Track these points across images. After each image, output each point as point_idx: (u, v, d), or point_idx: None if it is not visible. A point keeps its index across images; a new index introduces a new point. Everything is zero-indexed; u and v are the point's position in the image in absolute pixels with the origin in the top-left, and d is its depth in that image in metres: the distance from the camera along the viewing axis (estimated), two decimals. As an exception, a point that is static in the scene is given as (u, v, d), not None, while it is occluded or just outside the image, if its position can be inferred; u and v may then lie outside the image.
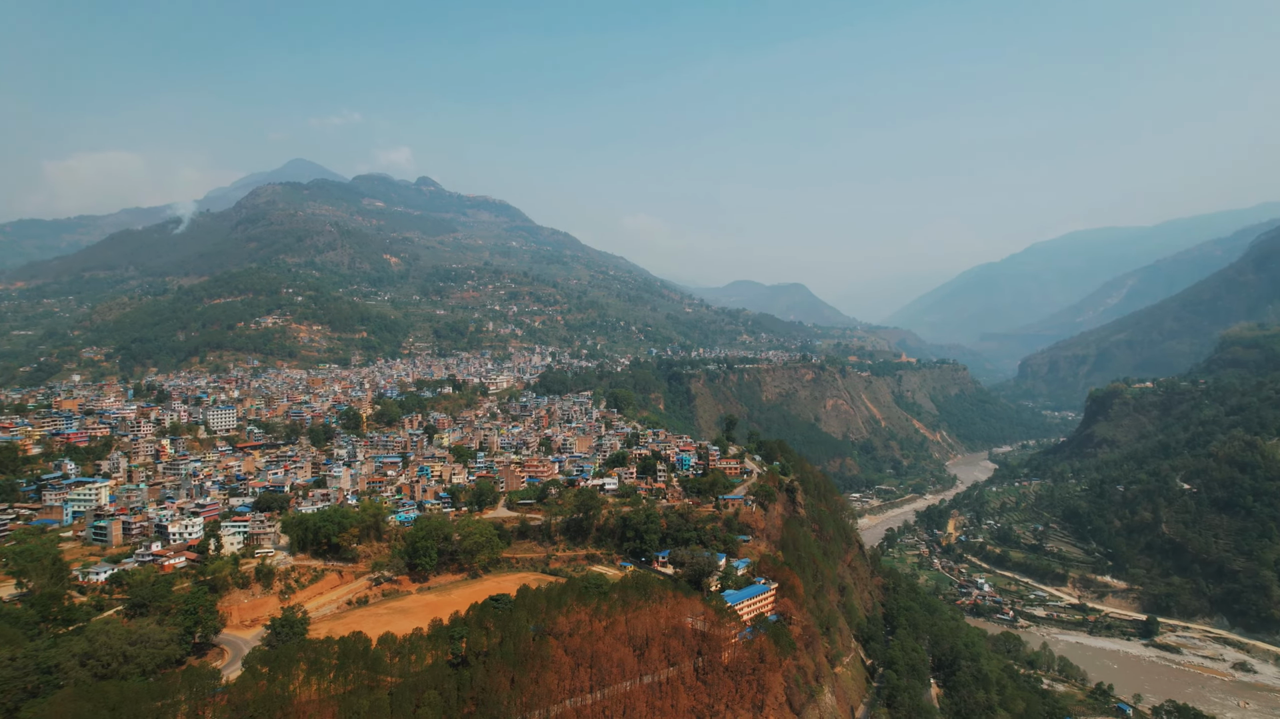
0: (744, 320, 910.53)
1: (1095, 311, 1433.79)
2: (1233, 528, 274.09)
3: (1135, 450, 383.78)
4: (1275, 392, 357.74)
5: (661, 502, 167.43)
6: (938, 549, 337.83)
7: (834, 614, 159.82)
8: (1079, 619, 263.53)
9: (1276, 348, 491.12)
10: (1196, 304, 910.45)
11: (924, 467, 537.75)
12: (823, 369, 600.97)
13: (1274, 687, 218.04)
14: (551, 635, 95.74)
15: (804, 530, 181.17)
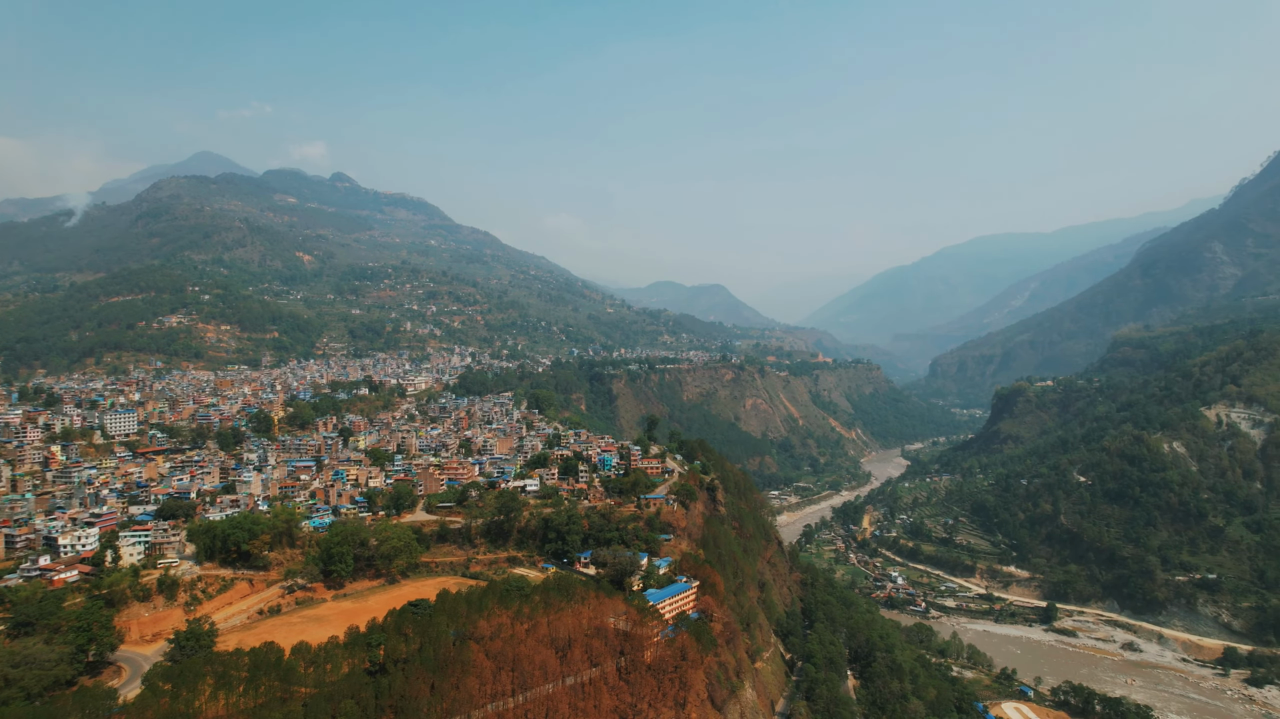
0: (665, 321, 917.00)
1: (1001, 313, 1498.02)
2: (1123, 517, 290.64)
3: (1037, 446, 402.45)
4: (1159, 389, 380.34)
5: (583, 502, 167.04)
6: (854, 544, 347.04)
7: (754, 610, 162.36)
8: (986, 608, 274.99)
9: (1160, 348, 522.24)
10: (1091, 307, 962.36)
11: (840, 464, 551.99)
12: (742, 369, 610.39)
13: (1156, 664, 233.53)
14: (472, 640, 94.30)
15: (725, 528, 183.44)
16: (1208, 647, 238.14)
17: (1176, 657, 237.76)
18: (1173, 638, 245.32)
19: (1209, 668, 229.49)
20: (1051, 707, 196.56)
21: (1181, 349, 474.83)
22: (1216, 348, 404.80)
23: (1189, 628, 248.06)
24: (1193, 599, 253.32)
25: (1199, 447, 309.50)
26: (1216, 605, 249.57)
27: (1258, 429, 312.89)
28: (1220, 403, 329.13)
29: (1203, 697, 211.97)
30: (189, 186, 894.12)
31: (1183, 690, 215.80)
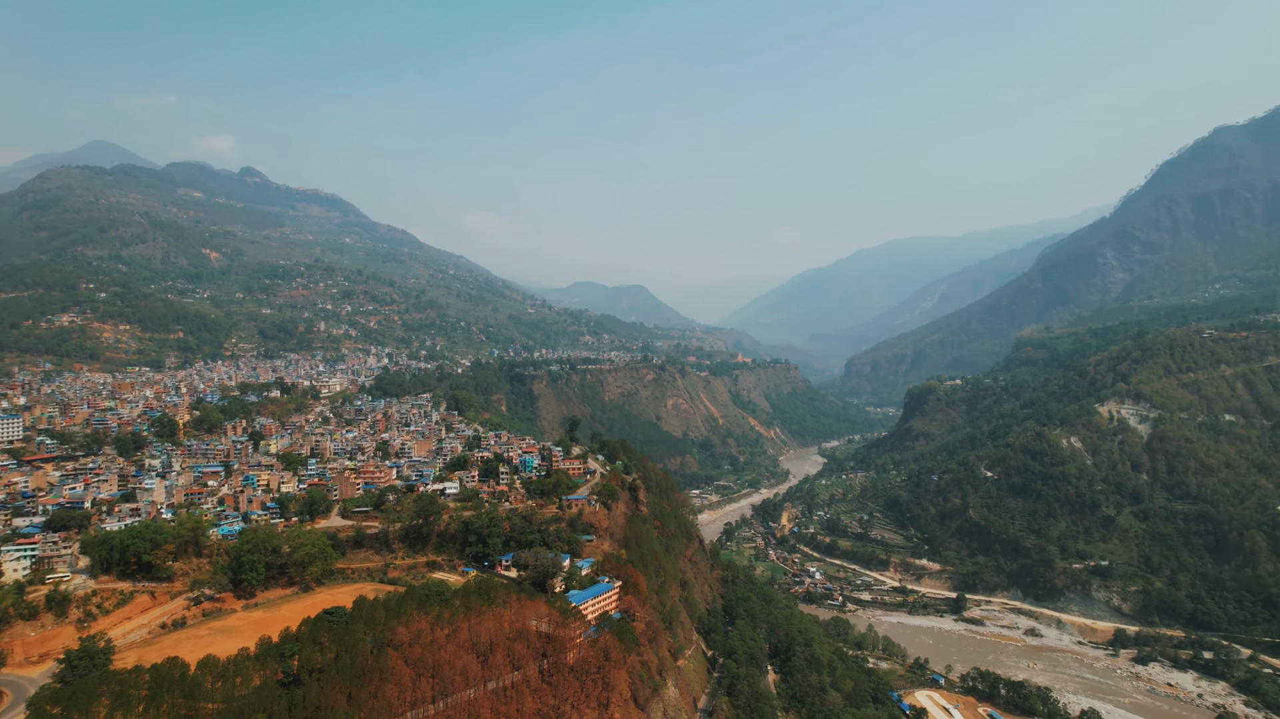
0: (586, 321, 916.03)
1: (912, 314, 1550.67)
2: (1026, 509, 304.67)
3: (947, 442, 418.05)
4: (1059, 387, 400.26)
5: (504, 504, 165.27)
6: (773, 541, 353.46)
7: (676, 609, 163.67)
8: (900, 600, 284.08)
9: (1059, 348, 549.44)
10: (996, 309, 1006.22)
11: (759, 462, 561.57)
12: (663, 369, 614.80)
13: (1055, 647, 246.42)
14: (391, 647, 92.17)
15: (646, 528, 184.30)
16: (1100, 629, 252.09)
17: (1073, 640, 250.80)
18: (1070, 622, 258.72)
19: (1101, 649, 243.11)
20: (961, 692, 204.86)
21: (1078, 349, 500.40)
22: (1108, 348, 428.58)
23: (1084, 612, 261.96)
24: (1087, 585, 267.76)
25: (1094, 441, 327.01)
26: (1108, 590, 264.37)
27: (1144, 424, 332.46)
28: (1112, 400, 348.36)
29: (1096, 676, 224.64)
30: (82, 177, 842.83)
31: (1078, 671, 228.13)
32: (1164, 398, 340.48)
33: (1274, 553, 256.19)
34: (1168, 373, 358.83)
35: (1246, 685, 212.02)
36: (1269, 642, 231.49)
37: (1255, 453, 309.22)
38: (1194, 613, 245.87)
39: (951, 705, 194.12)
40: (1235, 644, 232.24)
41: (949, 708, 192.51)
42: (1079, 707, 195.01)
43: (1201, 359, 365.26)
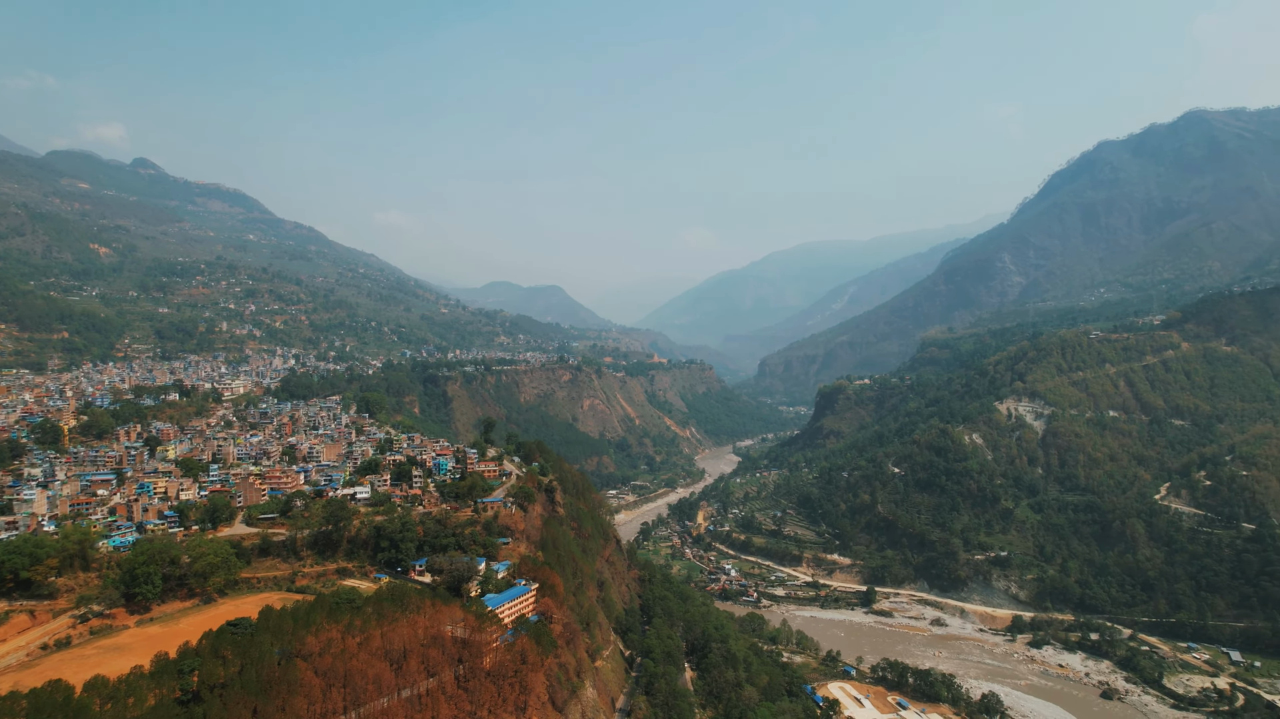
0: (501, 322, 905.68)
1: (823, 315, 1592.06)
2: (931, 504, 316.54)
3: (856, 440, 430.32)
4: (961, 386, 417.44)
5: (418, 508, 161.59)
6: (689, 539, 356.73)
7: (594, 609, 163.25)
8: (813, 595, 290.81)
9: (961, 348, 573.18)
10: (902, 310, 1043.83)
11: (675, 462, 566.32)
12: (579, 370, 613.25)
13: (959, 635, 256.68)
14: (299, 657, 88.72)
15: (563, 529, 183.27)
16: (1000, 617, 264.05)
17: (975, 628, 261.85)
18: (972, 611, 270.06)
19: (1001, 635, 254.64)
20: (871, 683, 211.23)
21: (979, 349, 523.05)
22: (1007, 348, 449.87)
23: (985, 601, 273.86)
24: (988, 575, 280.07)
25: (994, 437, 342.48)
26: (1007, 579, 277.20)
27: (1039, 420, 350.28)
28: (1010, 398, 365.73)
29: (996, 661, 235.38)
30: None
31: (980, 657, 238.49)
32: (1057, 395, 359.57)
33: (1151, 539, 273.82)
34: (1060, 371, 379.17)
35: (1127, 663, 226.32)
36: (1146, 621, 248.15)
37: (1135, 446, 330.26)
38: (1082, 598, 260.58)
39: (863, 696, 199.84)
40: (1118, 625, 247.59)
41: (860, 698, 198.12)
42: (980, 691, 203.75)
43: (1089, 359, 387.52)
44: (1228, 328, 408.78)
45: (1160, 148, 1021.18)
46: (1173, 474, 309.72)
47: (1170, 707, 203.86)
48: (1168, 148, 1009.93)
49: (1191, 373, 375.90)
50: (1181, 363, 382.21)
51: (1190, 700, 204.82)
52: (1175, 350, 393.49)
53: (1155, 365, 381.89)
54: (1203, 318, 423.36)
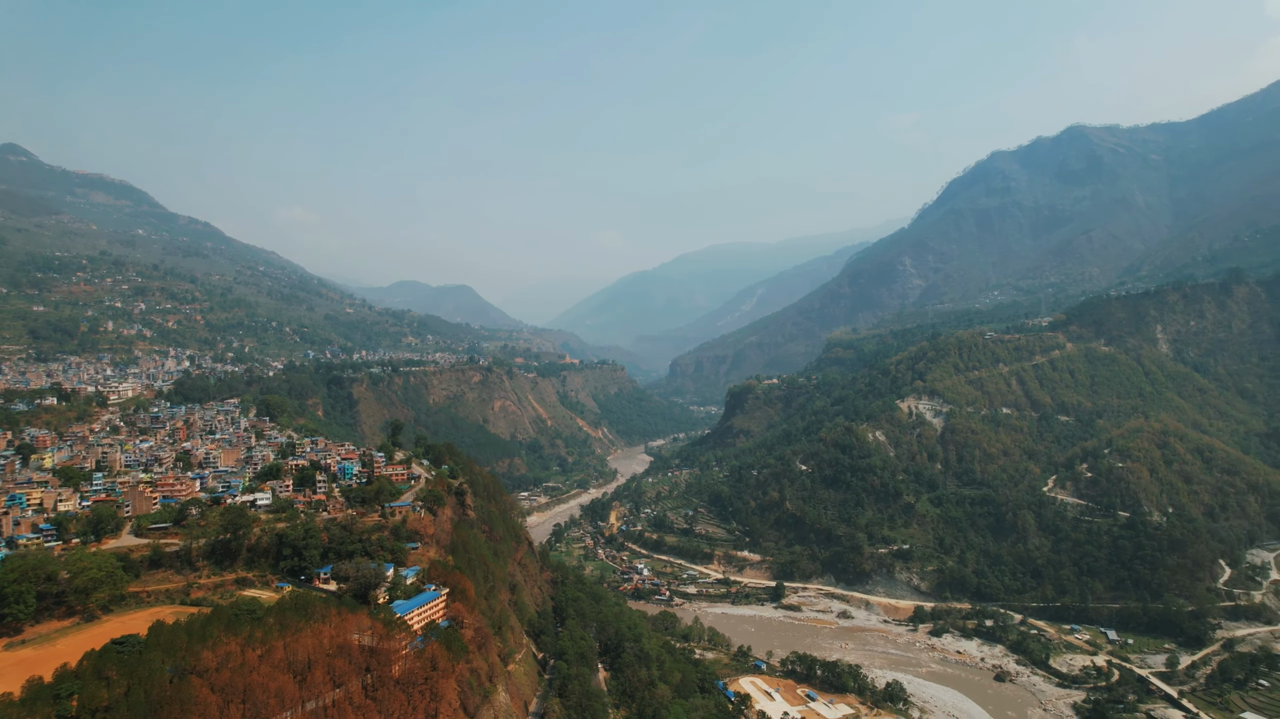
0: (409, 322, 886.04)
1: (733, 317, 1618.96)
2: (837, 500, 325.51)
3: (765, 439, 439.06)
4: (865, 385, 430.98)
5: (322, 514, 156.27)
6: (602, 540, 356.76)
7: (506, 613, 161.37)
8: (724, 592, 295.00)
9: (865, 349, 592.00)
10: (809, 312, 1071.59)
11: (588, 462, 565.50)
12: (490, 371, 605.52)
13: (865, 627, 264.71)
14: (194, 674, 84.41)
15: (474, 532, 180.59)
16: (903, 608, 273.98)
17: (880, 619, 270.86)
18: (877, 603, 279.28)
19: (904, 626, 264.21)
20: (781, 676, 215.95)
21: (881, 350, 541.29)
22: (908, 349, 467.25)
23: (889, 593, 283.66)
24: (891, 568, 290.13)
25: (896, 435, 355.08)
26: (909, 572, 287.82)
27: (938, 418, 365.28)
28: (911, 396, 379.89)
29: (899, 650, 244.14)
30: None
31: (884, 648, 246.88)
32: (954, 394, 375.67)
33: (1040, 529, 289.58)
34: (957, 370, 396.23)
35: (1018, 646, 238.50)
36: (1035, 606, 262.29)
37: (1026, 441, 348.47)
38: (978, 586, 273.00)
39: (773, 689, 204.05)
40: (1010, 611, 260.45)
41: (771, 691, 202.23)
42: (885, 680, 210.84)
43: (984, 358, 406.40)
44: (1106, 329, 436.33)
45: (1046, 159, 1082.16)
46: (1059, 467, 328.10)
47: (1055, 685, 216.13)
48: (1052, 160, 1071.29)
49: (1075, 371, 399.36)
50: (1066, 362, 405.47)
51: (1073, 678, 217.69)
52: (1061, 350, 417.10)
53: (1044, 365, 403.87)
54: (1084, 320, 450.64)
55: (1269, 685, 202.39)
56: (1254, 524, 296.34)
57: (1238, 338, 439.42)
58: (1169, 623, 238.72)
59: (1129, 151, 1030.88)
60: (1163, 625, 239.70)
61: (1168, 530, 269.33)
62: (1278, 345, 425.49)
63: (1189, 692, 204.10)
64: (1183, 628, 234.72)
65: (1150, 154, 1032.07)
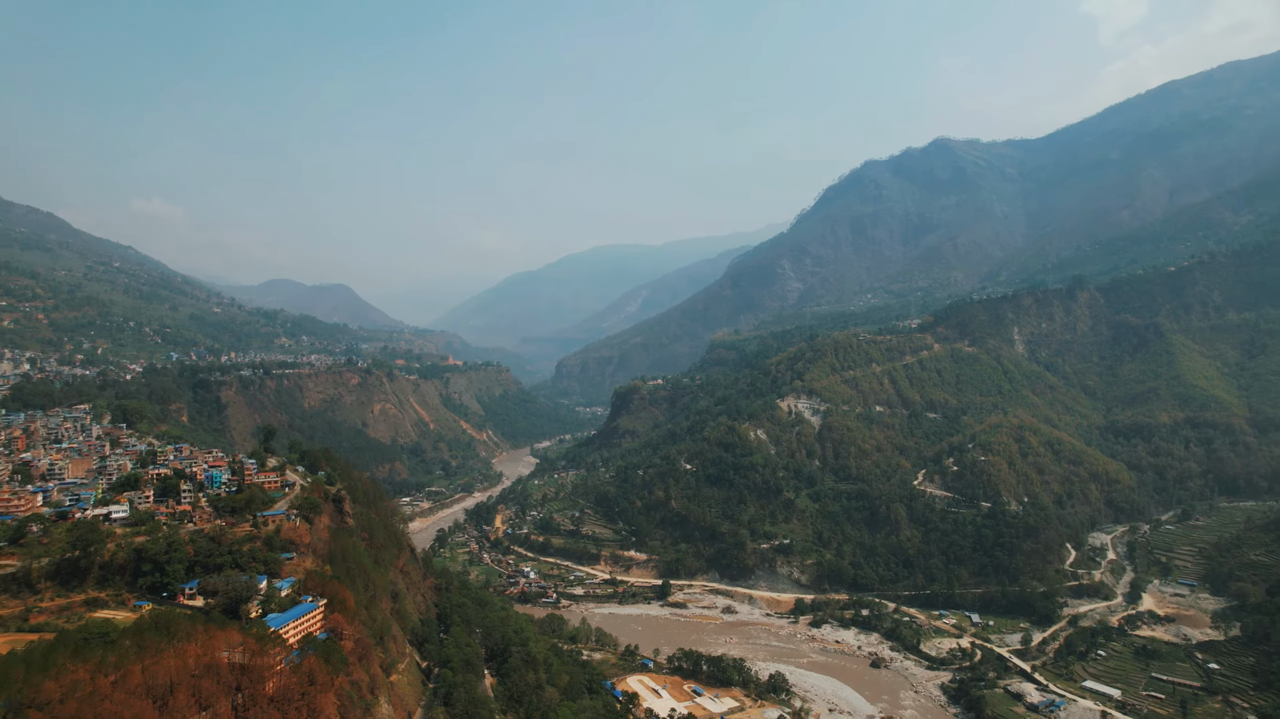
0: (283, 322, 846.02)
1: (618, 318, 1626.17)
2: (721, 498, 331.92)
3: (651, 438, 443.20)
4: (747, 385, 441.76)
5: (188, 526, 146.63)
6: (487, 544, 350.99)
7: (388, 622, 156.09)
8: (611, 592, 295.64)
9: (747, 349, 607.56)
10: (693, 313, 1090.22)
11: (472, 466, 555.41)
12: (369, 373, 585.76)
13: (748, 621, 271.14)
14: (34, 708, 76.97)
15: (353, 540, 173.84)
16: (784, 601, 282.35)
17: (763, 613, 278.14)
18: (760, 597, 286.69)
19: (785, 618, 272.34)
20: (668, 673, 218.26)
21: (762, 350, 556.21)
22: (787, 349, 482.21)
23: (771, 587, 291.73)
24: (773, 562, 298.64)
25: (776, 433, 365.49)
26: (790, 565, 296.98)
27: (816, 416, 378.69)
28: (790, 395, 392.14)
29: (781, 643, 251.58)
30: None
31: (767, 640, 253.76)
32: (831, 392, 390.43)
33: (911, 521, 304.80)
34: (834, 370, 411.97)
35: (892, 633, 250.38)
36: (907, 595, 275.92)
37: (897, 437, 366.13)
38: (855, 578, 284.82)
39: (660, 686, 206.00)
40: (884, 600, 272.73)
41: (658, 689, 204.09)
42: (768, 672, 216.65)
43: (859, 358, 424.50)
44: (969, 331, 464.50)
45: (915, 169, 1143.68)
46: (928, 462, 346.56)
47: (925, 668, 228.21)
48: (921, 170, 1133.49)
49: (942, 371, 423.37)
50: (934, 362, 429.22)
51: (941, 661, 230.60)
52: (929, 351, 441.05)
53: (913, 364, 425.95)
54: (950, 322, 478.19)
55: (1106, 655, 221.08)
56: (1095, 509, 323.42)
57: (1081, 339, 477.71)
58: (1024, 604, 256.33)
59: (988, 165, 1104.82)
60: (1019, 606, 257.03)
61: (1023, 518, 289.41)
62: (1114, 346, 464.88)
63: (1040, 666, 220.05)
64: (1035, 608, 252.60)
65: (1007, 167, 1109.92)
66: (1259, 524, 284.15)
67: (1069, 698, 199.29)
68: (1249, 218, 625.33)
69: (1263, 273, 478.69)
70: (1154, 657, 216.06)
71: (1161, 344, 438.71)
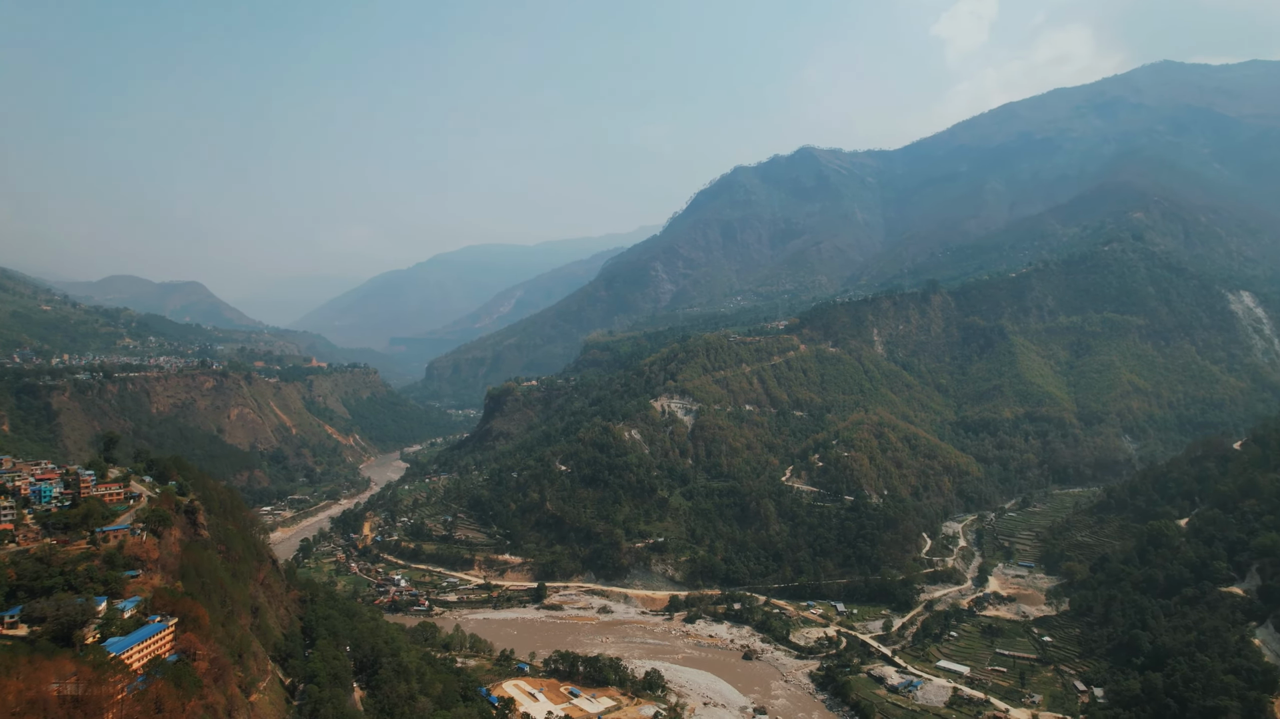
0: (126, 322, 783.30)
1: (491, 318, 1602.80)
2: (596, 498, 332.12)
3: (525, 440, 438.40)
4: (621, 385, 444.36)
5: (9, 546, 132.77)
6: (355, 552, 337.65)
7: (247, 639, 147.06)
8: (486, 597, 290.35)
9: (621, 350, 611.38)
10: (567, 314, 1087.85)
11: (339, 472, 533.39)
12: (225, 376, 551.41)
13: (624, 620, 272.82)
14: None
15: (209, 554, 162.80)
16: (659, 598, 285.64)
17: (638, 611, 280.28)
18: (635, 596, 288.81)
19: (660, 615, 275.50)
20: (545, 676, 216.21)
21: (636, 351, 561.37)
22: (660, 350, 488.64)
23: (646, 585, 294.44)
24: (648, 561, 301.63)
25: (650, 432, 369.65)
26: (664, 563, 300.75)
27: (689, 415, 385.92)
28: (664, 395, 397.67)
29: (656, 640, 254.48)
30: None
31: (643, 638, 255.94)
32: (703, 392, 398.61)
33: (780, 516, 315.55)
34: (705, 371, 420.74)
35: (763, 625, 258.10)
36: (778, 587, 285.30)
37: (766, 435, 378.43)
38: (727, 573, 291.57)
39: (537, 690, 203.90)
40: (755, 594, 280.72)
41: (534, 693, 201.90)
42: (644, 669, 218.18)
43: (729, 359, 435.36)
44: (833, 332, 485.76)
45: (781, 176, 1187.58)
46: (795, 458, 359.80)
47: (795, 657, 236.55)
48: (787, 176, 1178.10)
49: (808, 370, 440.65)
50: (800, 362, 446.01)
51: (809, 650, 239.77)
52: (795, 352, 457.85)
53: (781, 364, 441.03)
54: (814, 323, 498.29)
55: (957, 636, 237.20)
56: (948, 500, 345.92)
57: (935, 340, 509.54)
58: (885, 591, 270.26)
59: (850, 174, 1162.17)
60: (881, 594, 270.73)
61: (883, 510, 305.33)
62: (964, 347, 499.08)
63: (900, 649, 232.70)
64: (895, 595, 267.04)
65: (867, 176, 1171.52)
66: (1084, 509, 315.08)
67: (925, 678, 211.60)
68: (1075, 230, 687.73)
69: (1087, 280, 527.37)
70: (998, 634, 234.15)
71: (1005, 345, 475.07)
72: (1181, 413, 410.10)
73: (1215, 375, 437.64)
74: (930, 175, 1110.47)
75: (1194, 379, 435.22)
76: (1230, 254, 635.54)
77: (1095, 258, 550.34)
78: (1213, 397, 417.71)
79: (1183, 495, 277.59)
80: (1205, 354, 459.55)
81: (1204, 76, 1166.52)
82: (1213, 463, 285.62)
